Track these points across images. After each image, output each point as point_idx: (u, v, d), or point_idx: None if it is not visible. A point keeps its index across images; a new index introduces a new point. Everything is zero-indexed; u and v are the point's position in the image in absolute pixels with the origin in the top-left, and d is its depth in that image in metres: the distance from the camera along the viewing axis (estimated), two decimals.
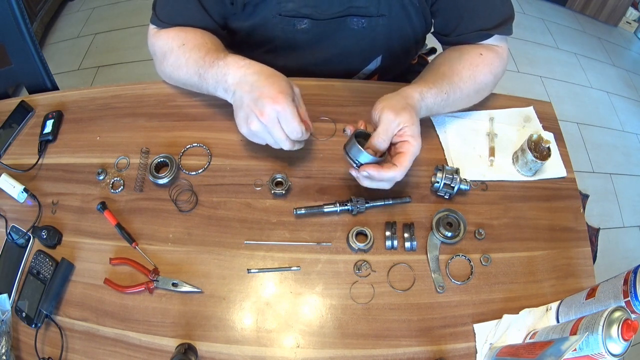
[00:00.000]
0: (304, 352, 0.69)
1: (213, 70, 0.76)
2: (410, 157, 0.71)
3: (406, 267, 0.76)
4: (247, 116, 0.71)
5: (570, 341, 0.52)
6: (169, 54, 0.84)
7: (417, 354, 0.69)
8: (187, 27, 0.85)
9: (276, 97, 0.68)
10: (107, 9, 2.58)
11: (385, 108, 0.71)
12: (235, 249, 0.77)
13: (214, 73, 0.76)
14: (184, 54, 0.81)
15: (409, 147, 0.71)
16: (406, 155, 0.71)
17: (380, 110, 0.72)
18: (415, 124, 0.72)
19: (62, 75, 2.24)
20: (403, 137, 0.71)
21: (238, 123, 0.74)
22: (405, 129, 0.71)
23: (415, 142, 0.71)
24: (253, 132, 0.72)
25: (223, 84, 0.75)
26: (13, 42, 1.01)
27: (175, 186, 0.82)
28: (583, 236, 0.80)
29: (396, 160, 0.71)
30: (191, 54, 0.81)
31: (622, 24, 2.79)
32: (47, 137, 0.88)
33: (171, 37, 0.84)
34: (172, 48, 0.83)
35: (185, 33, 0.84)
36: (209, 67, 0.77)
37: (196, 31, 0.85)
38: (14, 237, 0.79)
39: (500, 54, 0.87)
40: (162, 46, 0.86)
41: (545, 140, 0.82)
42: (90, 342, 0.70)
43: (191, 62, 0.80)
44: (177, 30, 0.85)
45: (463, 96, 0.84)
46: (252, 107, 0.70)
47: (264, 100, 0.68)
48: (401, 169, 0.70)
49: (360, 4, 0.85)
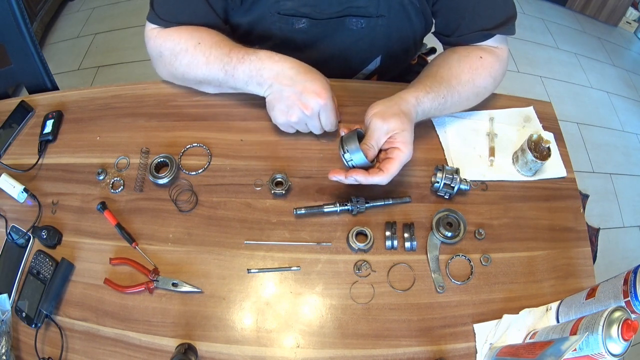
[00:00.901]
0: (304, 352, 0.69)
1: (244, 65, 0.77)
2: (397, 164, 0.72)
3: (406, 267, 0.76)
4: (288, 108, 0.76)
5: (570, 341, 0.52)
6: (183, 54, 0.82)
7: (417, 354, 0.69)
8: (193, 26, 0.84)
9: (320, 93, 0.74)
10: (107, 9, 2.58)
11: (375, 115, 0.73)
12: (235, 249, 0.77)
13: (245, 68, 0.77)
14: (203, 53, 0.81)
15: (398, 154, 0.72)
16: (394, 161, 0.71)
17: (370, 117, 0.73)
18: (406, 130, 0.72)
19: (62, 75, 2.24)
20: (394, 144, 0.72)
21: (274, 115, 0.79)
22: (396, 135, 0.72)
23: (406, 149, 0.72)
24: (291, 123, 0.78)
25: (258, 78, 0.77)
26: (13, 42, 1.01)
27: (175, 186, 0.82)
28: (583, 236, 0.80)
29: (383, 165, 0.72)
30: (212, 51, 0.80)
31: (622, 24, 2.79)
32: (47, 137, 0.88)
33: (184, 37, 0.82)
34: (186, 48, 0.82)
35: (199, 32, 0.83)
36: (237, 63, 0.78)
37: (208, 30, 0.84)
38: (14, 237, 0.79)
39: (500, 56, 0.87)
40: (172, 47, 0.83)
41: (545, 140, 0.82)
42: (90, 342, 0.70)
43: (213, 60, 0.80)
44: (189, 30, 0.83)
45: (462, 100, 0.83)
46: (294, 100, 0.75)
47: (308, 95, 0.74)
48: (387, 175, 0.71)
49: (359, 4, 0.84)
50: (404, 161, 0.72)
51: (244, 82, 0.79)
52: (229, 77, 0.80)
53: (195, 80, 0.87)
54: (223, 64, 0.79)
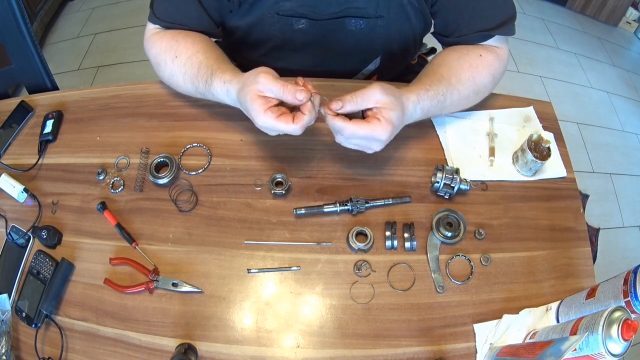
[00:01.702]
0: (304, 352, 0.69)
1: (211, 91, 0.78)
2: (365, 129, 0.67)
3: (406, 267, 0.76)
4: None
5: (570, 341, 0.52)
6: (163, 65, 0.84)
7: (417, 354, 0.69)
8: (180, 30, 0.85)
9: (257, 116, 0.68)
10: (107, 9, 2.58)
11: (378, 84, 0.69)
12: (235, 249, 0.77)
13: (213, 93, 0.78)
14: (179, 69, 0.82)
15: (373, 122, 0.68)
16: (363, 123, 0.68)
17: (373, 84, 0.69)
18: (394, 113, 0.69)
19: (62, 75, 2.24)
20: (376, 115, 0.68)
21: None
22: (382, 110, 0.68)
23: (383, 125, 0.67)
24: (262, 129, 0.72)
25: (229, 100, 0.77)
26: (13, 42, 1.01)
27: (175, 186, 0.82)
28: (583, 236, 0.80)
29: (355, 121, 0.68)
30: (186, 70, 0.81)
31: (622, 24, 2.79)
32: (47, 137, 0.88)
33: (164, 47, 0.84)
34: (165, 60, 0.84)
35: (178, 42, 0.83)
36: (205, 89, 0.79)
37: (188, 38, 0.83)
38: (14, 237, 0.79)
39: (500, 55, 0.87)
40: (155, 55, 0.86)
41: (545, 140, 0.82)
42: (90, 342, 0.70)
43: (187, 79, 0.82)
44: (169, 38, 0.84)
45: (462, 98, 0.83)
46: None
47: (253, 119, 0.69)
48: (349, 128, 0.67)
49: (359, 5, 0.84)
50: (372, 133, 0.68)
51: (222, 100, 0.79)
52: (203, 96, 0.82)
53: (180, 91, 0.88)
54: (194, 85, 0.81)
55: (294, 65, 0.95)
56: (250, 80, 0.69)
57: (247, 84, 0.70)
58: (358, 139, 0.70)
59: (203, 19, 0.85)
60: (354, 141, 0.71)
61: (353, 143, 0.72)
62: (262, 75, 0.67)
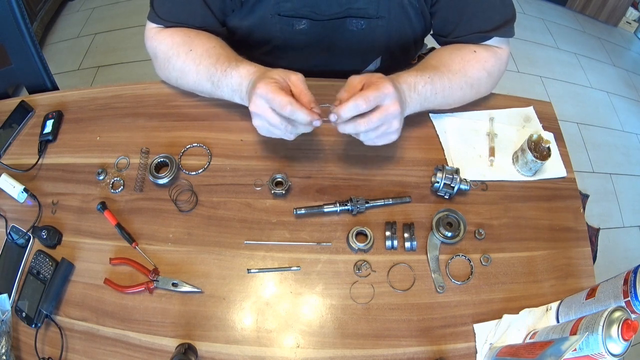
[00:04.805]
0: (304, 352, 0.69)
1: (227, 79, 0.77)
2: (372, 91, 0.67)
3: (406, 267, 0.76)
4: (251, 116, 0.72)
5: (570, 341, 0.52)
6: (175, 59, 0.83)
7: (417, 354, 0.69)
8: (189, 28, 0.85)
9: (259, 86, 0.68)
10: (107, 9, 2.58)
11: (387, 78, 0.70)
12: (235, 249, 0.77)
13: (228, 82, 0.77)
14: (193, 61, 0.81)
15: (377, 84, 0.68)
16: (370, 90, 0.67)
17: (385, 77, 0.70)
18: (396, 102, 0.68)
19: (62, 75, 2.24)
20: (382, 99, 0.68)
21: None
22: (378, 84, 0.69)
23: (385, 82, 0.68)
24: (259, 128, 0.73)
25: (239, 93, 0.77)
26: (13, 42, 1.01)
27: (175, 186, 0.82)
28: (583, 236, 0.81)
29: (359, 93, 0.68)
30: (202, 60, 0.80)
31: (622, 24, 2.79)
32: (47, 137, 0.88)
33: (176, 41, 0.83)
34: (178, 53, 0.83)
35: (192, 38, 0.83)
36: (222, 77, 0.78)
37: (202, 36, 0.84)
38: (14, 237, 0.79)
39: (498, 54, 0.87)
40: (165, 50, 0.84)
41: (545, 140, 0.82)
42: (90, 342, 0.70)
43: (203, 69, 0.80)
44: (181, 34, 0.84)
45: (454, 87, 0.82)
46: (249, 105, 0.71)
47: (251, 93, 0.70)
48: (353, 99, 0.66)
49: (359, 6, 0.84)
50: (381, 92, 0.67)
51: (229, 95, 0.80)
52: (215, 89, 0.81)
53: (187, 87, 0.88)
54: (210, 74, 0.80)
55: (294, 64, 0.94)
56: (279, 72, 0.71)
57: (275, 72, 0.71)
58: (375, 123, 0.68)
59: (208, 18, 0.85)
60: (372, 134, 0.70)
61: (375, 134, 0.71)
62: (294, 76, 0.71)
